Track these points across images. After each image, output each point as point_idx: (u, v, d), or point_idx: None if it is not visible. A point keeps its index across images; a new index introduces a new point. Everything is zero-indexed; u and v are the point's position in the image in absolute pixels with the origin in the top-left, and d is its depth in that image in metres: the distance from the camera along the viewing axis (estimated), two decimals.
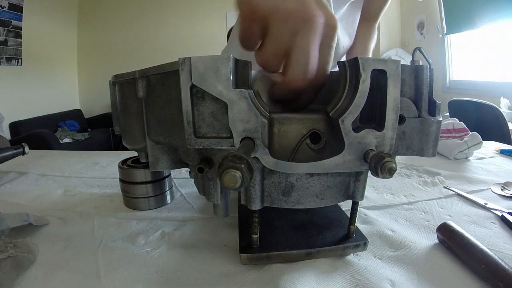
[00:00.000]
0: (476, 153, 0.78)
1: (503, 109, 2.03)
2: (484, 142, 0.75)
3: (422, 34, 3.38)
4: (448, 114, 2.13)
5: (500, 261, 0.30)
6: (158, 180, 0.51)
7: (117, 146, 3.48)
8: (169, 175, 0.54)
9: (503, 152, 0.80)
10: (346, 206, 0.42)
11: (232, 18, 4.04)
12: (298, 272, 0.33)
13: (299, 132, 0.31)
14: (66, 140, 3.26)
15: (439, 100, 0.32)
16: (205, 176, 0.34)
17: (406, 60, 3.21)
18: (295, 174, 0.31)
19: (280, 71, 0.31)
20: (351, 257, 0.37)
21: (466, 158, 0.76)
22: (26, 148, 0.68)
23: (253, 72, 0.33)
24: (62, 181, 0.66)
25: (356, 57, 0.28)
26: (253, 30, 0.29)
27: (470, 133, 0.77)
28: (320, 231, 0.39)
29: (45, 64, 3.64)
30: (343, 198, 0.34)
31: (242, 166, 0.21)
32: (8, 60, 3.17)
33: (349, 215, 0.37)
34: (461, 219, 0.46)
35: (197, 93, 0.29)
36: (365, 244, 0.37)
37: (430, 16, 3.21)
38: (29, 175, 0.70)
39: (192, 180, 0.60)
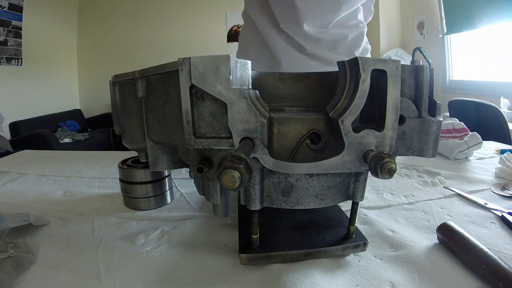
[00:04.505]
0: (476, 153, 0.78)
1: (503, 109, 2.02)
2: (484, 142, 0.75)
3: (422, 34, 3.38)
4: (448, 114, 2.13)
5: (500, 261, 0.30)
6: (158, 180, 0.51)
7: (117, 146, 3.48)
8: (169, 175, 0.54)
9: (503, 152, 0.80)
10: (346, 206, 0.42)
11: (232, 18, 4.04)
12: (298, 272, 0.33)
13: (298, 132, 0.31)
14: (66, 140, 3.26)
15: (439, 100, 0.32)
16: (205, 176, 0.34)
17: (406, 60, 3.21)
18: (294, 175, 0.31)
19: None
20: (351, 257, 0.37)
21: (466, 158, 0.76)
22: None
23: (252, 72, 0.33)
24: (62, 181, 0.66)
25: (356, 57, 0.28)
26: None
27: (470, 133, 0.77)
28: (319, 231, 0.39)
29: (45, 64, 3.64)
30: (343, 198, 0.34)
31: (241, 166, 0.21)
32: (8, 60, 3.17)
33: (349, 215, 0.37)
34: (461, 219, 0.46)
35: (197, 93, 0.29)
36: (365, 244, 0.37)
37: (430, 16, 3.21)
38: (29, 175, 0.70)
39: (192, 180, 0.60)
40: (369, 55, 0.89)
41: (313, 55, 0.79)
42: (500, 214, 0.46)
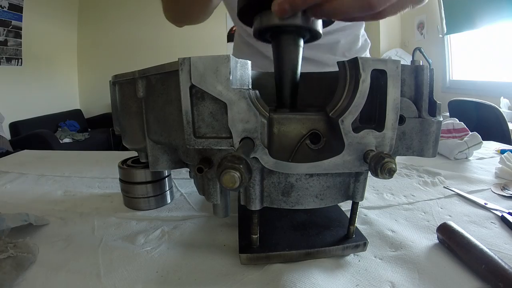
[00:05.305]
0: (476, 153, 0.78)
1: (503, 109, 2.03)
2: (484, 142, 0.75)
3: (422, 34, 3.38)
4: (448, 114, 2.13)
5: (500, 261, 0.30)
6: (158, 180, 0.51)
7: (117, 146, 3.48)
8: (169, 175, 0.54)
9: (503, 152, 0.80)
10: (346, 206, 0.42)
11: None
12: (298, 272, 0.33)
13: (299, 132, 0.31)
14: (66, 140, 3.26)
15: (439, 100, 0.32)
16: (205, 176, 0.34)
17: (406, 60, 3.21)
18: (294, 175, 0.31)
19: None
20: (351, 257, 0.37)
21: (466, 158, 0.76)
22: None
23: (252, 72, 0.33)
24: (62, 181, 0.66)
25: (356, 57, 0.28)
26: None
27: (470, 133, 0.77)
28: (319, 231, 0.39)
29: (45, 64, 3.64)
30: (343, 198, 0.34)
31: (241, 166, 0.21)
32: (8, 60, 3.17)
33: (349, 215, 0.37)
34: (461, 219, 0.46)
35: (197, 93, 0.29)
36: (365, 244, 0.37)
37: (430, 16, 3.21)
38: (29, 175, 0.70)
39: (192, 180, 0.60)
40: (367, 52, 0.89)
41: (308, 58, 0.79)
42: (500, 214, 0.46)
